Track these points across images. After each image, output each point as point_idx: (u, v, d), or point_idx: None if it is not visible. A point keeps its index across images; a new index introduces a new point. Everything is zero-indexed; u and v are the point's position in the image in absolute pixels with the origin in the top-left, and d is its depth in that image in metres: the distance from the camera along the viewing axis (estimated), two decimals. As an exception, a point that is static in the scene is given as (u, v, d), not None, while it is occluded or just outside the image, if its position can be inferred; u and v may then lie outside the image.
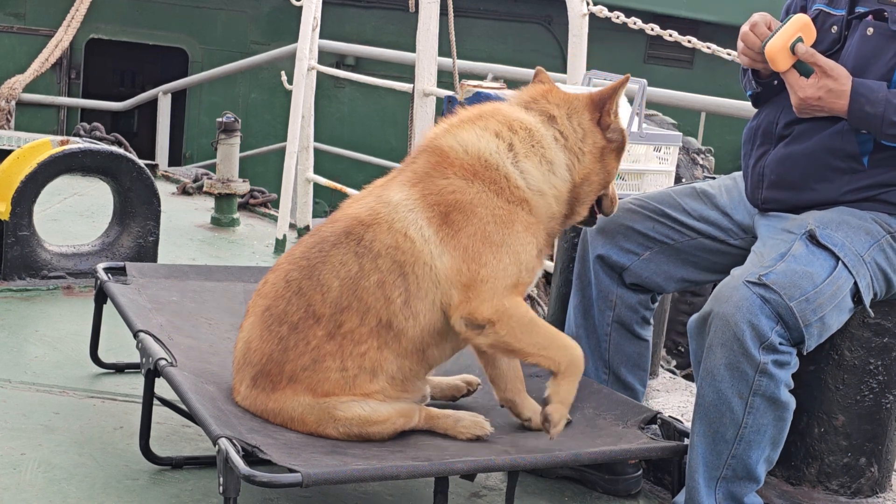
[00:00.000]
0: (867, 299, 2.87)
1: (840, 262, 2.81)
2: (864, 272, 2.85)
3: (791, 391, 2.81)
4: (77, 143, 4.84)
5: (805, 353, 2.81)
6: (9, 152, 4.89)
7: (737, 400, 2.76)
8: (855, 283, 2.82)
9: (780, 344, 2.73)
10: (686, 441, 2.91)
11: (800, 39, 2.87)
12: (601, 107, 2.92)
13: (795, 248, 2.82)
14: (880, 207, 2.94)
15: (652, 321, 3.39)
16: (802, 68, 2.87)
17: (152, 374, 2.94)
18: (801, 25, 2.89)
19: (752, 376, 2.73)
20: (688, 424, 2.94)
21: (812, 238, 2.84)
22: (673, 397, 4.00)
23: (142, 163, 5.02)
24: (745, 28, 2.99)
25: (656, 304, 3.38)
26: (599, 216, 3.07)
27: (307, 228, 6.56)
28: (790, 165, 3.02)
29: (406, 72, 6.64)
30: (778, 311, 2.71)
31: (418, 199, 2.80)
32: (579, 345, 3.32)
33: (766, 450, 2.82)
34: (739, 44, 3.02)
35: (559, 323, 3.56)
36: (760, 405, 2.76)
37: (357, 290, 2.78)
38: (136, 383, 3.61)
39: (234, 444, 2.48)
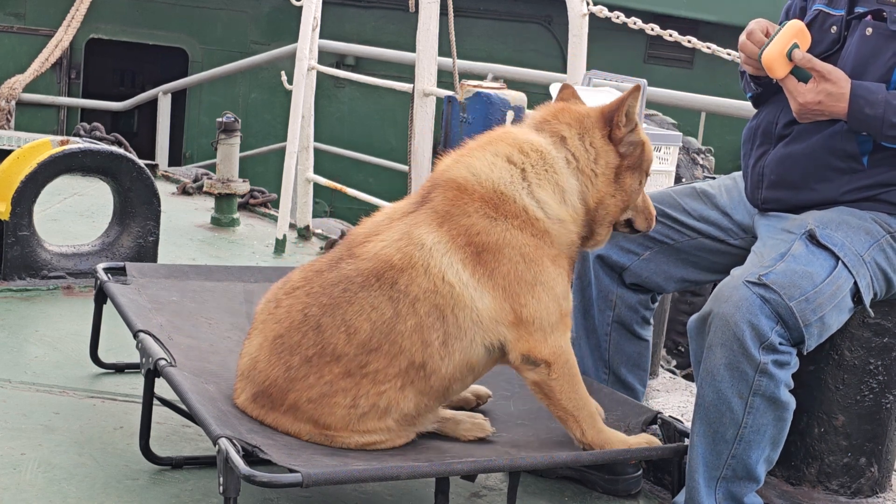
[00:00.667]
0: (867, 299, 2.87)
1: (840, 261, 2.81)
2: (865, 272, 2.85)
3: (791, 391, 2.81)
4: (77, 143, 4.84)
5: (805, 353, 2.81)
6: (9, 152, 4.89)
7: (737, 400, 2.76)
8: (855, 283, 2.82)
9: (780, 344, 2.73)
10: (686, 441, 2.92)
11: (795, 46, 2.86)
12: (610, 120, 2.81)
13: (795, 248, 2.82)
14: (880, 207, 2.94)
15: (652, 321, 3.40)
16: (800, 74, 2.86)
17: (152, 374, 2.94)
18: (796, 31, 2.88)
19: (752, 376, 2.73)
20: (688, 424, 2.94)
21: (812, 238, 2.84)
22: (673, 397, 4.01)
23: (142, 163, 5.02)
24: (742, 38, 2.99)
25: (656, 304, 3.38)
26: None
27: (307, 228, 6.56)
28: (790, 165, 3.02)
29: (406, 72, 6.64)
30: (778, 311, 2.71)
31: (448, 241, 2.73)
32: (579, 345, 3.34)
33: (766, 450, 2.82)
34: (740, 53, 3.03)
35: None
36: (760, 405, 2.76)
37: (391, 334, 2.72)
38: (136, 383, 3.61)
39: (234, 444, 2.48)
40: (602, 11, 5.26)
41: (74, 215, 6.45)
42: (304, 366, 2.76)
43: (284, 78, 6.67)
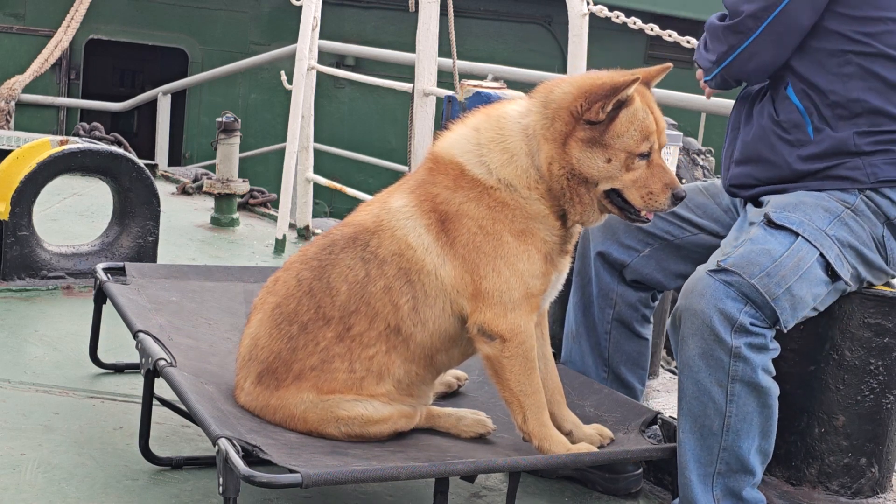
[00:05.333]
0: (844, 273, 2.86)
1: (800, 237, 2.83)
2: (830, 244, 2.85)
3: (791, 391, 2.81)
4: (76, 143, 4.84)
5: (785, 330, 2.80)
6: (8, 152, 4.89)
7: (716, 389, 2.77)
8: (822, 256, 2.83)
9: (752, 324, 2.75)
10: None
11: None
12: (592, 101, 2.72)
13: (753, 233, 2.86)
14: (834, 184, 2.94)
15: (652, 320, 3.40)
16: None
17: (152, 374, 2.93)
18: None
19: (728, 362, 2.75)
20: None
21: (769, 222, 2.87)
22: (673, 397, 4.00)
23: (141, 163, 5.02)
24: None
25: (656, 302, 3.39)
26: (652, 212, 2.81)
27: (307, 228, 6.57)
28: (747, 142, 3.07)
29: (406, 72, 6.64)
30: (742, 291, 2.74)
31: (415, 205, 2.81)
32: (579, 343, 3.34)
33: (756, 439, 2.81)
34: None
35: (559, 322, 3.56)
36: (741, 392, 2.77)
37: (364, 295, 2.80)
38: (135, 383, 3.61)
39: (234, 445, 2.48)
40: (602, 11, 5.25)
41: (74, 215, 6.45)
42: (303, 334, 2.83)
43: (284, 78, 6.66)
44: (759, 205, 3.01)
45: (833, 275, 2.86)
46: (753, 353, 2.76)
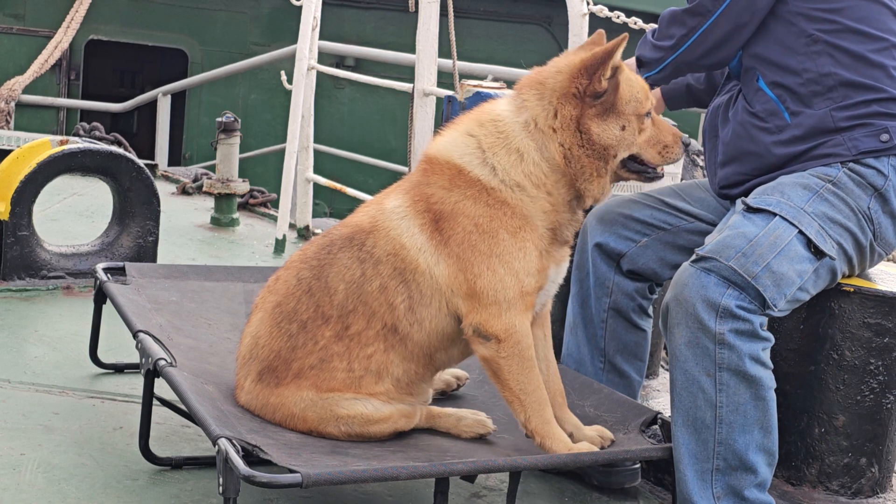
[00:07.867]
0: (826, 247, 2.85)
1: (777, 216, 2.84)
2: (809, 221, 2.86)
3: (791, 391, 2.80)
4: (76, 143, 4.84)
5: (776, 310, 2.79)
6: (8, 152, 4.89)
7: (705, 378, 2.77)
8: (801, 233, 2.83)
9: (738, 307, 2.75)
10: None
11: None
12: (591, 73, 2.73)
13: (732, 221, 2.89)
14: (816, 163, 2.96)
15: (652, 314, 3.40)
16: None
17: (152, 374, 2.93)
18: None
19: (713, 349, 2.75)
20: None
21: (748, 207, 2.89)
22: (673, 397, 3.99)
23: (141, 163, 5.02)
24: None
25: (654, 295, 3.39)
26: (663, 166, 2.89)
27: (307, 228, 6.57)
28: (728, 143, 3.10)
29: (406, 72, 6.64)
30: (722, 275, 2.75)
31: (409, 206, 2.82)
32: (575, 334, 3.35)
33: (755, 434, 2.79)
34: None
35: (560, 322, 3.56)
36: (730, 381, 2.76)
37: (361, 295, 2.81)
38: (135, 383, 3.61)
39: (234, 445, 2.48)
40: (602, 11, 5.26)
41: (74, 215, 6.45)
42: (302, 332, 2.84)
43: (284, 78, 6.66)
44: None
45: (817, 251, 2.85)
46: (739, 340, 2.75)
